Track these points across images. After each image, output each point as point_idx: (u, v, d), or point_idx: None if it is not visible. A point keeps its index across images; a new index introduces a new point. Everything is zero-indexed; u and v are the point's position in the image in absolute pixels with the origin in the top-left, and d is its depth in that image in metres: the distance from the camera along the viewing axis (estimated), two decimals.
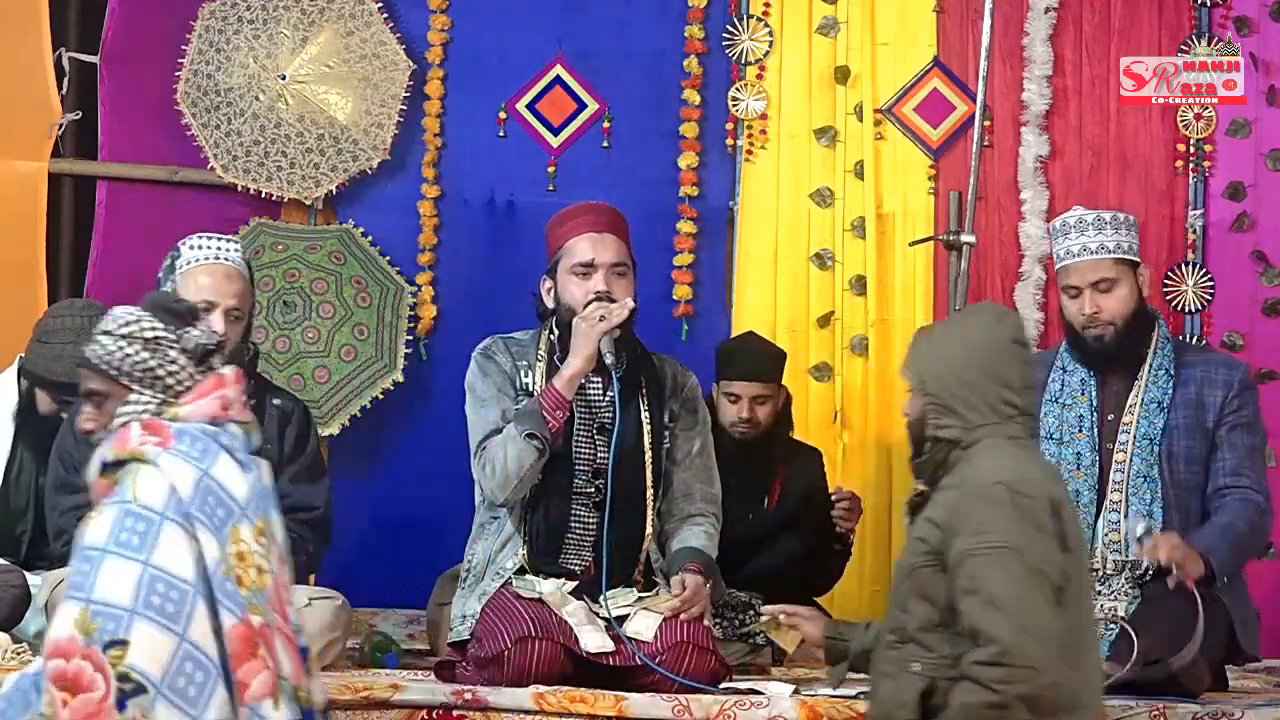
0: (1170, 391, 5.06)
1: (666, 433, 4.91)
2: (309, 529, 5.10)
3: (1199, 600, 4.72)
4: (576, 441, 4.84)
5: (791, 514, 5.84)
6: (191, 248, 5.03)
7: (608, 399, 4.83)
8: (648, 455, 4.84)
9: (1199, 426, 5.04)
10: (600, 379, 4.85)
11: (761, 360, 5.84)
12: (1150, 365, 5.09)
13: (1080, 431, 5.09)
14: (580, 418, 4.84)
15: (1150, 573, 4.92)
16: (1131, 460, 5.02)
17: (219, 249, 5.03)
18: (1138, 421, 5.04)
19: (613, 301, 4.78)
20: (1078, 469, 5.08)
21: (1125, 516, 5.01)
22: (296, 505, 5.08)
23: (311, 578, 5.77)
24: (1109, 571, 5.00)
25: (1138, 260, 5.13)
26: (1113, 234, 5.09)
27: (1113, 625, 4.88)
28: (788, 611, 4.38)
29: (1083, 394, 5.12)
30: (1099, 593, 4.96)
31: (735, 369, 5.77)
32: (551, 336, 4.92)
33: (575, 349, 4.76)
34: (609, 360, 4.73)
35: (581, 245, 4.84)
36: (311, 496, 5.12)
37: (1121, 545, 5.00)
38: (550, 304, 4.91)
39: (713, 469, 4.98)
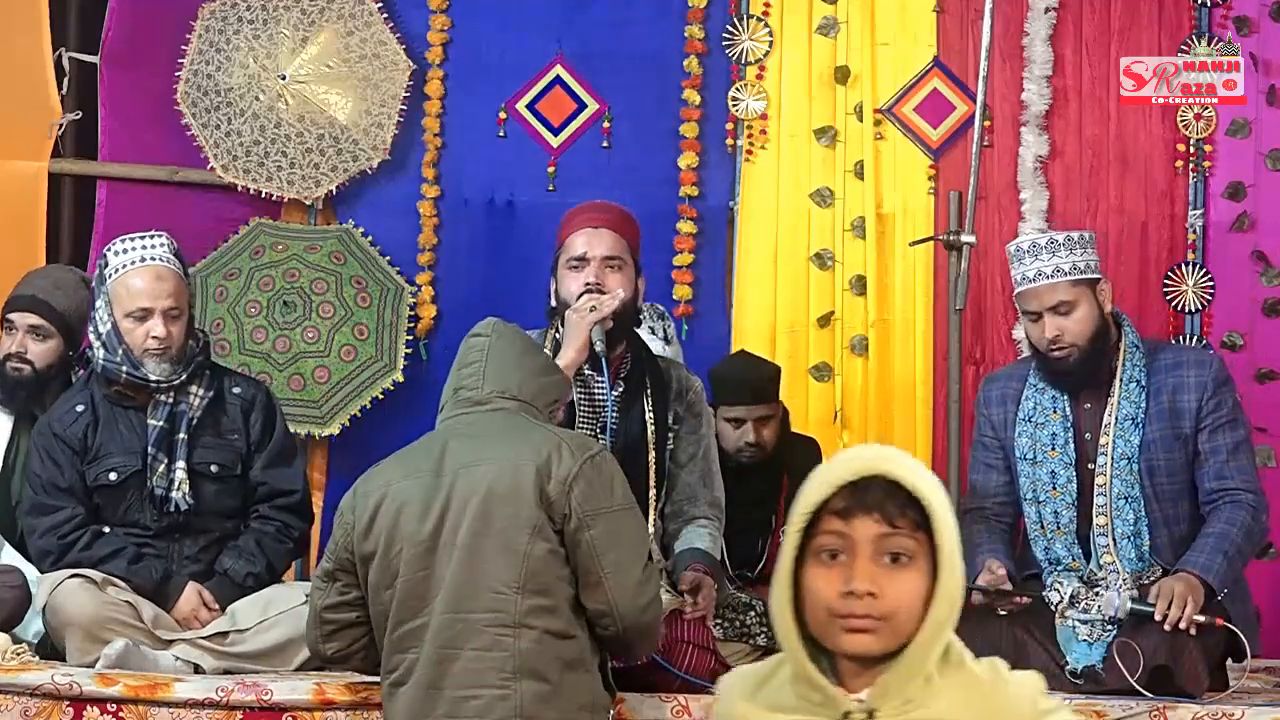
0: (1143, 404, 4.96)
1: (670, 434, 4.91)
2: (291, 513, 5.07)
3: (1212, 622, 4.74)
4: None
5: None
6: (117, 253, 4.95)
7: (613, 397, 4.84)
8: (651, 455, 4.84)
9: (1176, 435, 4.96)
10: (605, 378, 4.85)
11: (762, 381, 5.77)
12: (1121, 379, 4.97)
13: (1053, 450, 5.00)
14: (584, 415, 4.84)
15: (1154, 582, 4.92)
16: (1111, 482, 4.97)
17: (145, 249, 4.95)
18: (1114, 441, 4.96)
19: (604, 294, 4.80)
20: (1053, 488, 4.99)
21: (1114, 540, 4.98)
22: (274, 491, 5.05)
23: (310, 568, 5.78)
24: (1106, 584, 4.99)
25: (1097, 277, 4.98)
26: (1068, 255, 4.94)
27: (1110, 628, 4.87)
28: None
29: (1055, 411, 5.02)
30: (1097, 594, 4.95)
31: (737, 393, 5.68)
32: (557, 335, 4.93)
33: (568, 340, 4.79)
34: (598, 348, 4.74)
35: (577, 240, 4.86)
36: (287, 480, 5.09)
37: (1117, 565, 4.98)
38: (554, 302, 4.93)
39: (715, 472, 4.98)
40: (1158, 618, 4.72)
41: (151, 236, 5.00)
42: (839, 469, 2.46)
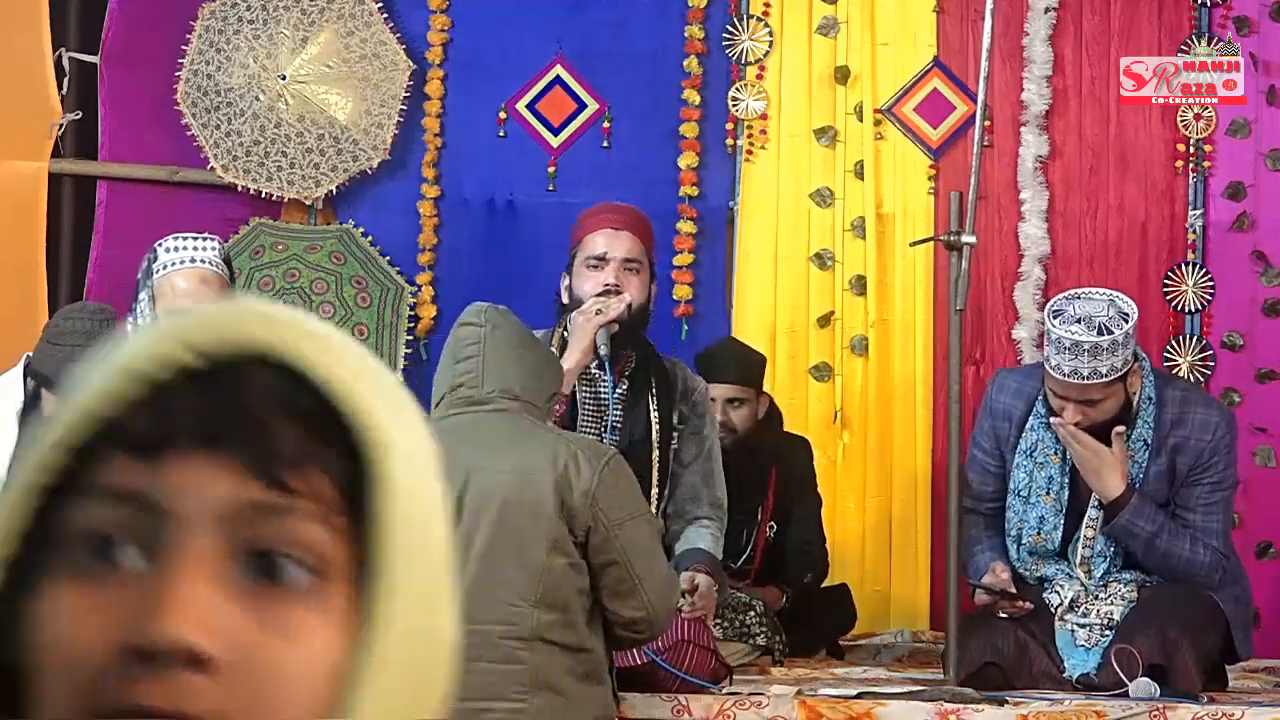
0: (1145, 463, 4.90)
1: (675, 434, 4.92)
2: None
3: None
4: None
5: (781, 520, 5.89)
6: (168, 250, 4.97)
7: (616, 395, 4.85)
8: (655, 455, 4.85)
9: (1165, 501, 4.92)
10: (613, 377, 4.86)
11: (735, 363, 5.78)
12: (1128, 438, 4.87)
13: (1047, 495, 4.96)
14: (588, 414, 4.84)
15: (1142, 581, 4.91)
16: (1096, 538, 4.96)
17: (195, 251, 4.95)
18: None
19: (618, 295, 4.81)
20: (1039, 533, 4.97)
21: (1094, 577, 4.97)
22: None
23: None
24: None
25: (1133, 364, 4.81)
26: (1108, 358, 4.72)
27: (1109, 631, 4.88)
28: None
29: (1055, 454, 4.96)
30: (1095, 597, 4.95)
31: (711, 370, 5.73)
32: (565, 334, 4.93)
33: (573, 343, 4.81)
34: (603, 351, 4.75)
35: (597, 240, 4.88)
36: None
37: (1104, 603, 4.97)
38: (566, 299, 4.94)
39: (718, 473, 4.99)
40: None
41: (205, 239, 5.03)
42: (151, 338, 1.00)
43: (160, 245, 5.01)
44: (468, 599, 3.78)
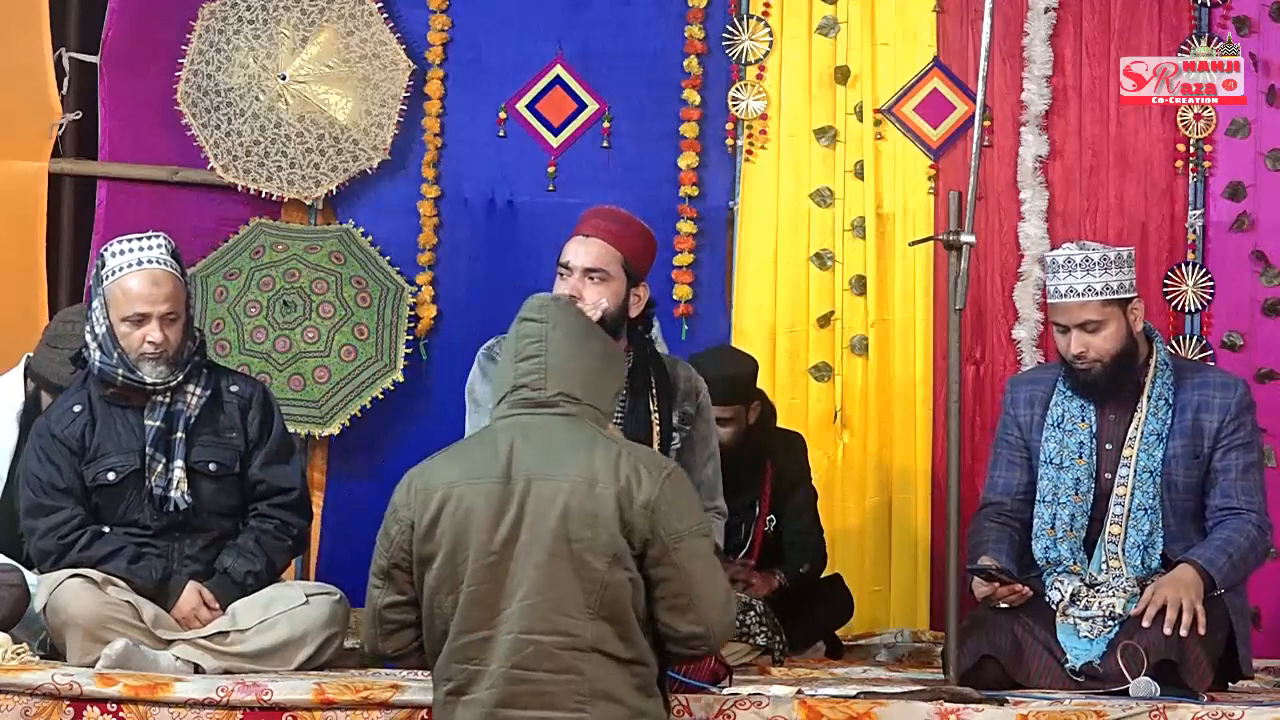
0: (1169, 420, 5.02)
1: (677, 434, 4.91)
2: (290, 511, 5.06)
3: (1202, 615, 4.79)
4: None
5: (777, 512, 5.89)
6: (114, 254, 4.93)
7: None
8: None
9: (1195, 453, 5.00)
10: None
11: (720, 382, 5.59)
12: (1149, 396, 5.03)
13: (1080, 458, 5.05)
14: None
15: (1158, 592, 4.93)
16: (1132, 494, 5.00)
17: (143, 251, 4.92)
18: (1138, 455, 5.01)
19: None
20: (1076, 494, 5.05)
21: (1123, 549, 5.00)
22: (273, 489, 5.05)
23: (310, 573, 5.79)
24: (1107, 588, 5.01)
25: (1130, 296, 5.01)
26: (1101, 275, 4.97)
27: (1111, 621, 4.89)
28: None
29: (1082, 420, 5.07)
30: (1097, 590, 4.96)
31: None
32: None
33: None
34: None
35: (569, 247, 4.87)
36: (286, 478, 5.07)
37: (1123, 571, 5.00)
38: None
39: (719, 483, 5.00)
40: (1145, 623, 4.75)
41: (149, 238, 4.98)
42: None
43: (106, 250, 4.97)
44: (527, 609, 3.71)
